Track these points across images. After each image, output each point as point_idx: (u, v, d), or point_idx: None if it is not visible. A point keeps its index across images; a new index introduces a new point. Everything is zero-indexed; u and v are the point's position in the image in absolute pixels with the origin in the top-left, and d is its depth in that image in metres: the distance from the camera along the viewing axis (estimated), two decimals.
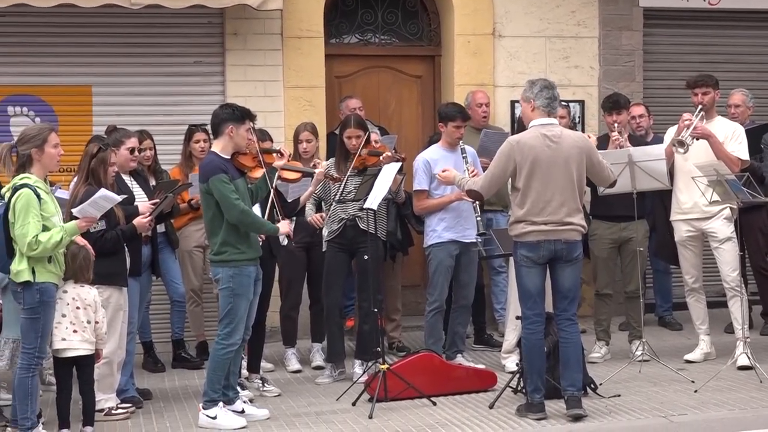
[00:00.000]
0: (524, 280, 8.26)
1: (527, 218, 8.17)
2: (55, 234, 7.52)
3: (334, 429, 8.15)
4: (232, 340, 8.25)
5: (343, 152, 9.68)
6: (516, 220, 8.25)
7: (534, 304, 8.26)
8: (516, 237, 8.26)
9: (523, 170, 8.16)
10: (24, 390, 7.61)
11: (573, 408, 8.15)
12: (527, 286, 8.26)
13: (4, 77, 11.13)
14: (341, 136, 9.75)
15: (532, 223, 8.16)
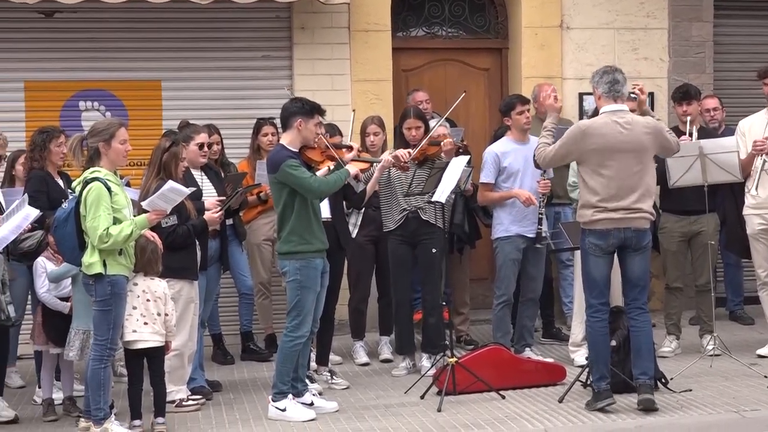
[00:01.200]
0: (591, 268, 8.21)
1: (598, 204, 8.11)
2: (125, 227, 7.60)
3: (402, 422, 8.14)
4: (299, 332, 8.28)
5: (402, 144, 9.68)
6: (585, 205, 8.20)
7: (599, 293, 8.21)
8: (585, 224, 8.21)
9: (593, 156, 8.10)
10: (97, 381, 7.70)
11: (644, 393, 8.08)
12: (593, 275, 8.21)
13: (76, 72, 11.27)
14: (400, 128, 9.75)
15: (602, 210, 8.09)
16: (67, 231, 7.75)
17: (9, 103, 11.08)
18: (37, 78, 11.20)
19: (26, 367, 9.79)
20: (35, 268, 8.54)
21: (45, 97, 11.20)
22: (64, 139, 9.26)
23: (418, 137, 9.59)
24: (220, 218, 8.74)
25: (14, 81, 11.16)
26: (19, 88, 11.17)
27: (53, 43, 11.24)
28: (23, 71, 11.17)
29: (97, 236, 7.52)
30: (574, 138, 8.19)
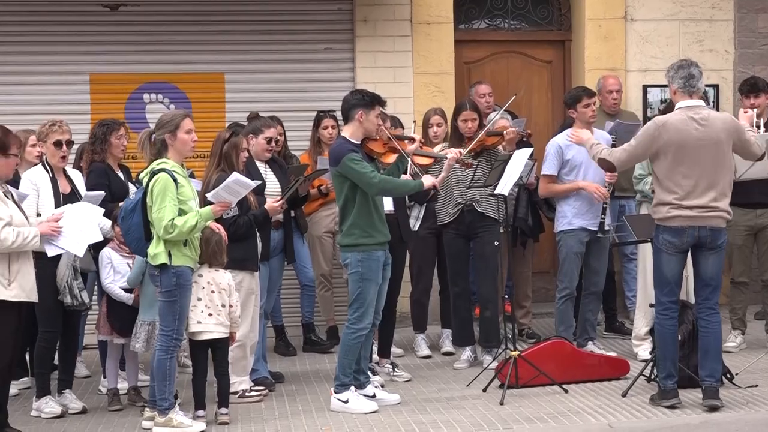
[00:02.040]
0: (663, 266, 8.11)
1: (673, 202, 8.01)
2: (190, 218, 7.65)
3: (465, 415, 8.13)
4: (361, 324, 8.29)
5: (457, 136, 9.65)
6: (660, 203, 8.09)
7: (670, 291, 8.12)
8: (659, 221, 8.10)
9: (669, 153, 7.99)
10: (162, 371, 7.77)
11: (710, 399, 7.99)
12: (665, 273, 8.11)
13: (140, 65, 11.38)
14: (455, 120, 9.72)
15: (678, 207, 7.98)
16: (134, 222, 7.83)
17: (74, 96, 11.21)
18: (102, 71, 11.32)
19: (91, 357, 9.92)
20: (100, 258, 8.61)
21: (110, 89, 11.32)
22: (124, 131, 9.34)
23: (473, 129, 9.56)
24: (281, 208, 8.76)
25: (80, 74, 11.29)
26: (85, 81, 11.30)
27: (118, 36, 11.35)
28: (88, 64, 11.30)
29: (162, 227, 7.59)
30: (650, 135, 8.07)
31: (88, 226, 7.90)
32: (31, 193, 8.32)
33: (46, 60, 11.26)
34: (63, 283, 8.25)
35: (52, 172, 8.50)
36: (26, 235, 7.43)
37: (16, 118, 10.26)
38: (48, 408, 8.39)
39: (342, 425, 7.94)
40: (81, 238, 7.86)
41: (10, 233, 7.35)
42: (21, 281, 7.49)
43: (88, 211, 7.98)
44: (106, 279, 8.57)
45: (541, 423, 7.89)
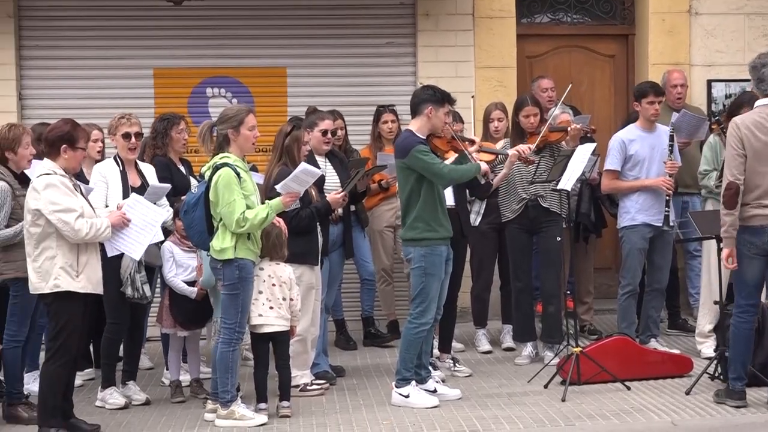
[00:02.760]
0: (744, 268, 7.91)
1: (754, 201, 7.86)
2: (261, 211, 7.69)
3: (526, 411, 8.10)
4: (424, 319, 8.28)
5: (518, 132, 9.60)
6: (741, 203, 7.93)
7: (749, 294, 7.97)
8: (741, 221, 7.94)
9: (748, 152, 7.87)
10: (225, 364, 7.82)
11: None
12: (746, 275, 7.93)
13: (203, 60, 11.46)
14: (516, 116, 9.67)
15: (760, 206, 7.84)
16: (196, 216, 7.88)
17: (139, 90, 11.33)
18: (166, 65, 11.43)
19: (154, 349, 9.99)
20: (162, 252, 8.68)
21: (173, 84, 11.43)
22: (184, 125, 9.40)
23: (535, 125, 9.51)
24: (343, 200, 8.77)
25: (144, 68, 11.40)
26: (149, 75, 11.41)
27: (181, 31, 11.45)
28: (152, 59, 11.41)
29: (233, 221, 7.63)
30: (735, 136, 7.88)
31: (150, 225, 7.95)
32: (100, 186, 8.40)
33: (111, 54, 11.39)
34: (126, 274, 8.32)
35: (123, 166, 8.57)
36: (99, 226, 7.51)
37: (81, 112, 10.31)
38: (112, 399, 8.47)
39: (403, 420, 7.94)
40: (141, 238, 7.91)
41: (84, 224, 7.43)
42: (88, 273, 7.57)
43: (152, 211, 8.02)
44: (169, 273, 8.64)
45: (604, 420, 7.84)
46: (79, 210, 7.45)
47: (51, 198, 7.41)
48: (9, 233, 8.04)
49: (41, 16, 11.37)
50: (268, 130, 9.61)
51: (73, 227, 7.40)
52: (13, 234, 8.00)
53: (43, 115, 10.59)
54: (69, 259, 7.48)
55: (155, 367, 9.85)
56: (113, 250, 7.94)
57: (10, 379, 8.22)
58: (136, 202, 8.00)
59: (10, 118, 10.50)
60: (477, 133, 10.08)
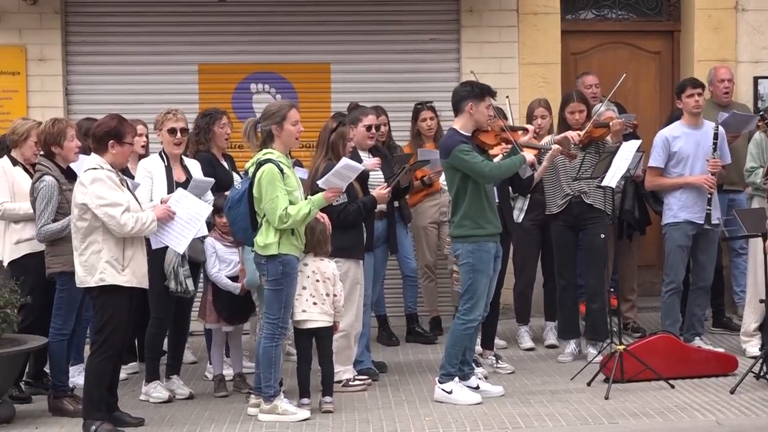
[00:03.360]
0: None
1: None
2: (303, 206, 7.72)
3: (569, 408, 8.07)
4: (472, 315, 8.27)
5: (564, 128, 9.56)
6: None
7: None
8: None
9: None
10: (268, 359, 7.84)
11: None
12: None
13: (247, 55, 11.51)
14: (563, 112, 9.64)
15: None
16: (240, 212, 7.92)
17: (183, 85, 11.40)
18: (211, 61, 11.48)
19: (197, 344, 10.04)
20: (205, 247, 8.70)
21: (218, 79, 11.47)
22: (227, 120, 9.43)
23: (581, 121, 9.48)
24: (388, 195, 8.78)
25: (188, 64, 11.47)
26: (194, 71, 11.47)
27: (226, 27, 11.50)
28: (197, 54, 11.48)
29: (276, 217, 7.66)
30: None
31: (195, 219, 7.98)
32: (145, 181, 8.46)
33: (156, 50, 11.47)
34: (169, 268, 8.36)
35: (168, 161, 8.62)
36: (144, 221, 7.56)
37: (126, 108, 10.39)
38: (156, 393, 8.53)
39: (445, 416, 7.93)
40: (185, 232, 7.93)
41: (130, 219, 7.48)
42: (134, 267, 7.62)
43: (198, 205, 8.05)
44: (213, 268, 8.66)
45: (648, 418, 7.80)
46: (125, 204, 7.51)
47: (97, 192, 7.47)
48: (56, 227, 8.11)
49: (88, 12, 11.46)
50: (311, 126, 9.64)
51: (119, 221, 7.46)
52: (61, 228, 8.07)
53: (89, 111, 10.65)
54: (115, 253, 7.54)
55: (198, 361, 9.92)
56: (158, 243, 7.99)
57: (56, 372, 8.29)
58: (182, 196, 8.04)
59: (56, 113, 10.60)
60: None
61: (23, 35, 11.23)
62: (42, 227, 8.15)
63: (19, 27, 11.21)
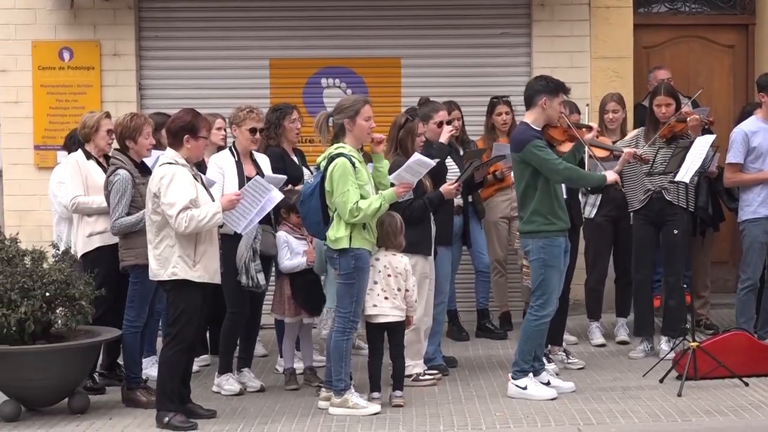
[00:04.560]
0: None
1: None
2: (374, 201, 7.73)
3: (641, 405, 8.00)
4: (545, 311, 8.23)
5: (652, 121, 9.48)
6: None
7: None
8: None
9: None
10: (339, 352, 7.87)
11: None
12: None
13: (318, 50, 11.54)
14: (651, 105, 9.55)
15: None
16: (312, 206, 7.95)
17: (255, 80, 11.45)
18: (282, 56, 11.53)
19: (268, 337, 10.09)
20: (277, 240, 8.73)
21: (289, 74, 11.52)
22: (297, 115, 9.46)
23: (668, 114, 9.37)
24: (457, 191, 8.77)
25: (260, 59, 11.52)
26: (265, 65, 11.53)
27: (297, 22, 11.53)
28: (268, 49, 11.52)
29: (347, 211, 7.68)
30: None
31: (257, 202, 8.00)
32: (217, 178, 8.50)
33: (228, 45, 11.54)
34: (241, 263, 8.40)
35: (238, 156, 8.66)
36: (201, 217, 7.52)
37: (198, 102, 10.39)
38: (228, 385, 8.59)
39: (516, 412, 7.91)
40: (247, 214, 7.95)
41: (183, 219, 7.48)
42: (206, 263, 7.67)
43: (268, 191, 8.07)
44: (284, 259, 8.66)
45: (721, 416, 7.71)
46: (182, 204, 7.48)
47: (162, 189, 7.53)
48: (130, 221, 8.19)
49: (160, 7, 11.56)
50: (382, 120, 9.57)
51: (174, 222, 7.50)
52: (134, 221, 8.15)
53: (161, 105, 10.79)
54: (187, 248, 7.59)
55: (269, 354, 9.96)
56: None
57: (130, 364, 8.38)
58: (256, 182, 8.07)
59: (130, 107, 10.71)
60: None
61: (98, 31, 11.35)
62: (116, 221, 8.24)
63: (93, 23, 11.34)
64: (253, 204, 7.97)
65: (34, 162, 11.31)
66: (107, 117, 8.94)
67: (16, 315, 7.93)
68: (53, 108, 11.30)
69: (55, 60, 11.33)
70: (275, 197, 8.11)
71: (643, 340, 9.65)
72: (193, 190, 7.59)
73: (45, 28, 11.32)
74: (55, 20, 11.31)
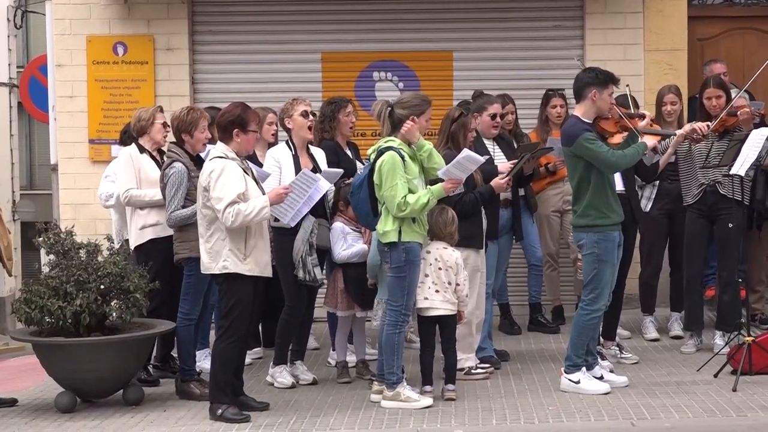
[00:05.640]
0: None
1: None
2: (422, 196, 7.72)
3: (695, 400, 7.94)
4: (597, 305, 8.18)
5: (703, 114, 9.39)
6: None
7: None
8: None
9: None
10: (391, 345, 7.88)
11: None
12: None
13: (370, 43, 11.55)
14: (701, 98, 9.47)
15: None
16: (361, 197, 7.99)
17: (307, 74, 11.49)
18: (334, 49, 11.55)
19: (320, 330, 10.11)
20: (333, 231, 8.71)
21: (341, 68, 11.55)
22: (352, 108, 9.46)
23: (718, 107, 9.28)
24: (507, 185, 8.74)
25: (312, 53, 11.55)
26: (317, 59, 11.56)
27: (349, 15, 11.56)
28: (320, 43, 11.56)
29: (395, 205, 7.68)
30: None
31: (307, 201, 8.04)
32: (273, 170, 8.53)
33: (280, 39, 11.58)
34: (297, 257, 8.43)
35: (295, 150, 8.68)
36: (248, 212, 7.53)
37: (251, 96, 10.51)
38: (281, 378, 8.62)
39: (569, 406, 7.87)
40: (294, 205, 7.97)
41: (230, 215, 7.51)
42: (256, 256, 7.70)
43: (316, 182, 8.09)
44: (341, 250, 8.63)
45: None
46: (229, 199, 7.50)
47: (212, 183, 7.57)
48: (185, 213, 8.24)
49: (213, 1, 11.62)
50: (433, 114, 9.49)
51: (222, 216, 7.54)
52: (190, 214, 8.19)
53: (214, 99, 10.84)
54: (237, 242, 7.63)
55: (321, 348, 9.99)
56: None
57: (184, 356, 8.45)
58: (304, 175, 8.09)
59: (183, 102, 10.79)
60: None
61: (151, 25, 11.44)
62: (171, 213, 8.30)
63: (147, 17, 11.43)
64: (301, 196, 8.01)
65: (88, 156, 11.42)
66: (161, 111, 9.01)
67: (71, 307, 8.03)
68: (107, 102, 11.41)
69: (109, 54, 11.44)
70: (323, 187, 8.15)
71: (694, 334, 9.58)
72: (241, 184, 7.61)
73: (99, 23, 11.44)
74: (109, 15, 11.42)
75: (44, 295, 8.11)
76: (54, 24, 11.50)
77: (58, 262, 8.28)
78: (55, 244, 8.34)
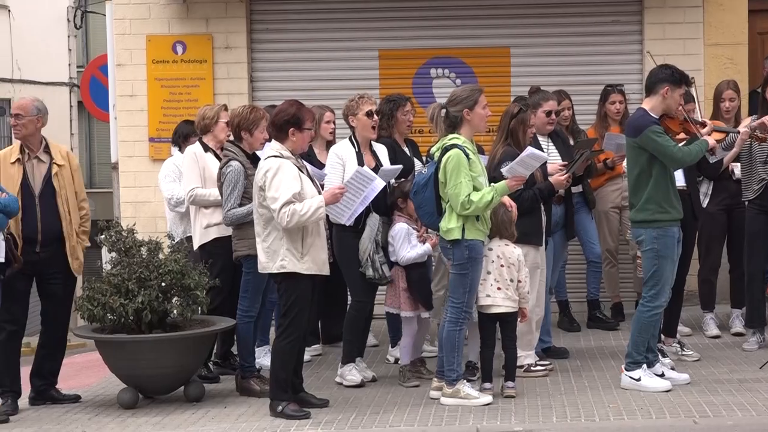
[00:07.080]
0: None
1: None
2: (486, 194, 7.71)
3: (759, 398, 7.85)
4: (657, 302, 8.12)
5: (765, 109, 9.29)
6: None
7: None
8: None
9: None
10: (451, 342, 7.87)
11: None
12: None
13: (427, 40, 11.56)
14: (764, 93, 9.37)
15: None
16: (426, 196, 7.96)
17: (364, 71, 11.51)
18: (391, 47, 11.57)
19: (378, 327, 10.11)
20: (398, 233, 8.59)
21: (398, 65, 11.56)
22: (410, 106, 9.45)
23: None
24: (567, 181, 8.70)
25: (369, 50, 11.58)
26: (374, 56, 11.58)
27: (406, 12, 11.57)
28: (378, 40, 11.58)
29: (459, 203, 7.67)
30: None
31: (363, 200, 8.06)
32: (336, 168, 8.53)
33: (338, 37, 11.61)
34: (365, 256, 8.44)
35: (358, 147, 8.69)
36: (304, 212, 7.55)
37: (308, 94, 10.61)
38: (350, 376, 8.61)
39: (629, 403, 7.82)
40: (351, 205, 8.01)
41: (285, 215, 7.52)
42: (313, 255, 7.73)
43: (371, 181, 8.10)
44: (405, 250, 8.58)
45: None
46: (285, 199, 7.52)
47: (267, 182, 7.60)
48: (242, 212, 8.28)
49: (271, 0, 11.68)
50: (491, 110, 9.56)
51: (277, 215, 7.56)
52: (246, 212, 8.23)
53: (273, 97, 10.88)
54: (294, 241, 7.65)
55: (379, 344, 10.00)
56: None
57: (244, 353, 8.49)
58: (359, 173, 8.11)
59: (242, 100, 10.87)
60: (706, 113, 9.84)
61: (210, 24, 11.52)
62: (228, 211, 8.34)
63: (206, 16, 11.51)
64: (357, 195, 8.02)
65: (148, 154, 11.53)
66: (225, 110, 9.07)
67: (133, 305, 8.11)
68: (167, 101, 11.51)
69: (168, 53, 11.54)
70: (378, 185, 8.14)
71: (756, 331, 9.49)
72: (297, 183, 7.63)
73: (159, 23, 11.54)
74: (168, 14, 11.51)
75: (106, 293, 8.20)
76: (114, 24, 11.62)
77: (120, 259, 8.37)
78: (117, 242, 8.43)
